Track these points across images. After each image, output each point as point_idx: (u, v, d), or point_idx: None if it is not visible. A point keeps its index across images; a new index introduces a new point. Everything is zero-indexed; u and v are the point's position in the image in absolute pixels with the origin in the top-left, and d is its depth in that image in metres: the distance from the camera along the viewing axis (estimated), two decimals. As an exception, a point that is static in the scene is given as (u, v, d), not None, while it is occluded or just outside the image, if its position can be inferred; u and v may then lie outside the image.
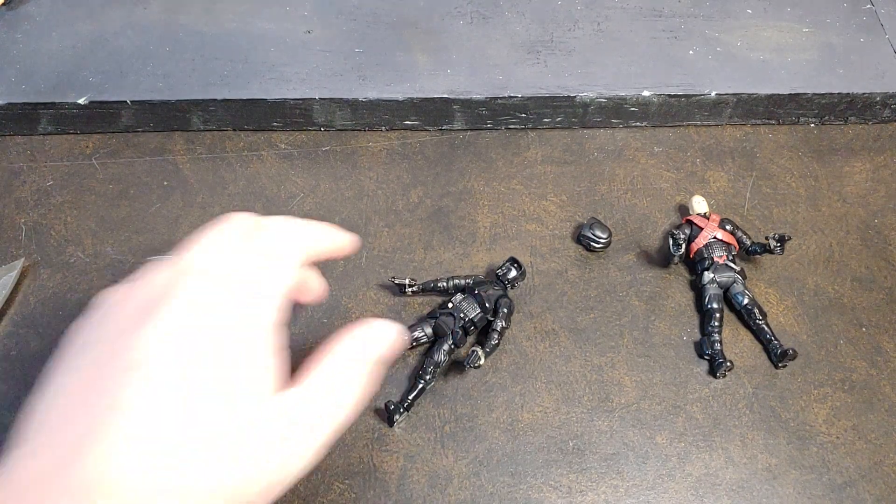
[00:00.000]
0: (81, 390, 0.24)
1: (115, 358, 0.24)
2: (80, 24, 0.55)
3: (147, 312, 0.25)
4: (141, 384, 0.23)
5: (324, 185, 0.49)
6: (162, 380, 0.23)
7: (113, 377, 0.23)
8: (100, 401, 0.23)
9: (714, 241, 0.44)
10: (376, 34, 0.54)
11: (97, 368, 0.24)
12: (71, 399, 0.24)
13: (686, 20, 0.55)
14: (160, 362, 0.23)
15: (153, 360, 0.23)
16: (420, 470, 0.38)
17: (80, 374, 0.25)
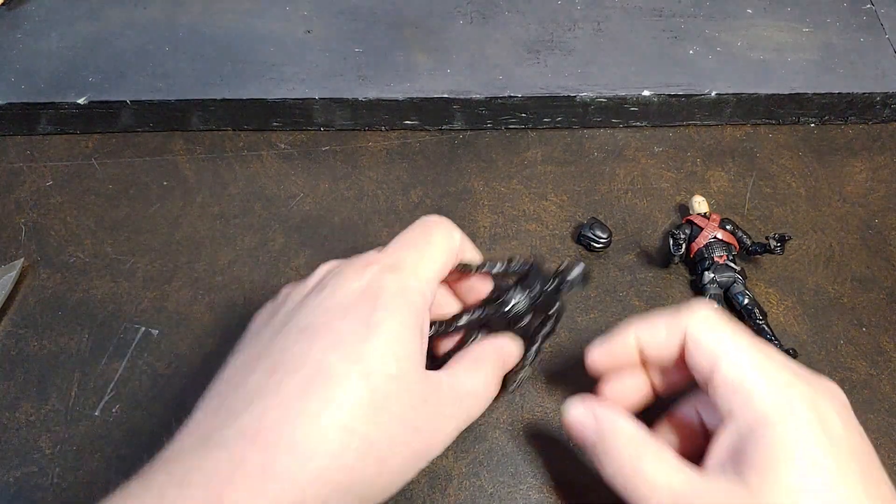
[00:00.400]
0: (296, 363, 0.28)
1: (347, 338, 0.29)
2: (79, 24, 0.54)
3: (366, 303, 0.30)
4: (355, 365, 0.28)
5: (324, 185, 0.49)
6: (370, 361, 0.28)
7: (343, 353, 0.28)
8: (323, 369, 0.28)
9: (714, 241, 0.44)
10: (376, 34, 0.54)
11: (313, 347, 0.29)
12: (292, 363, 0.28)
13: (686, 20, 0.55)
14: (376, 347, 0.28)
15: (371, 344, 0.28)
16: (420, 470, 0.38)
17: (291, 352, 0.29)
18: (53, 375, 0.41)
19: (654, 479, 0.28)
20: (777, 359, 0.30)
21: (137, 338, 0.42)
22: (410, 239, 0.33)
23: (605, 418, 0.31)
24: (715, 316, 0.31)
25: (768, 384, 0.28)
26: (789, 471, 0.26)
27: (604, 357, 0.34)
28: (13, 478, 0.37)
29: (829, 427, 0.28)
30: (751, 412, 0.28)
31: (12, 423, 0.39)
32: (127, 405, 0.40)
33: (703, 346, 0.30)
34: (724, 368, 0.29)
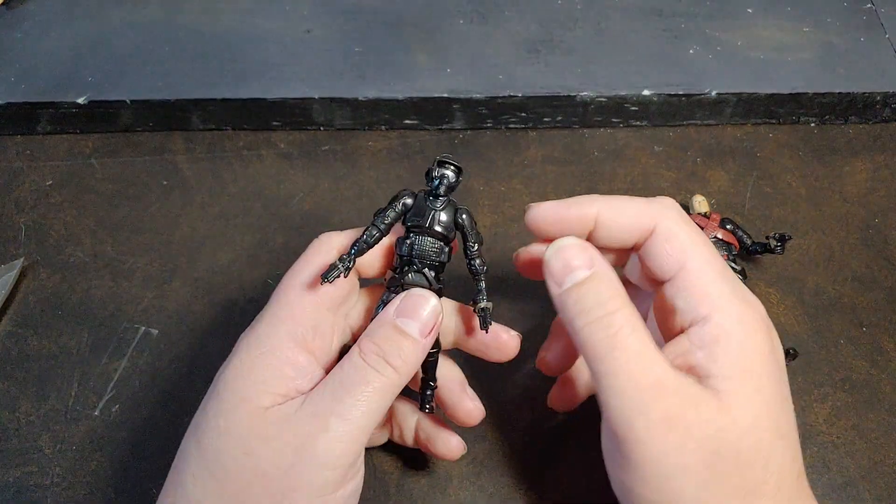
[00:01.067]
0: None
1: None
2: (79, 23, 0.54)
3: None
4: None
5: (323, 184, 0.49)
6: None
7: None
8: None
9: (715, 240, 0.43)
10: (376, 34, 0.54)
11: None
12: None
13: (686, 20, 0.55)
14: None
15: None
16: (420, 470, 0.38)
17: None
18: (53, 375, 0.41)
19: (633, 368, 0.27)
20: (730, 272, 0.30)
21: (137, 338, 0.42)
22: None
23: (602, 264, 0.29)
24: (686, 215, 0.31)
25: (732, 297, 0.28)
26: (751, 390, 0.27)
27: (552, 218, 0.31)
28: (13, 478, 0.37)
29: (777, 354, 0.29)
30: (719, 320, 0.28)
31: (12, 423, 0.39)
32: (127, 405, 0.40)
33: (675, 242, 0.29)
34: (695, 269, 0.29)
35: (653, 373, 0.27)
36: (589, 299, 0.28)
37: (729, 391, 0.27)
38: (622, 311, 0.28)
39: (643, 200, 0.31)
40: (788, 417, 0.29)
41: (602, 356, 0.27)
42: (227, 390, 0.28)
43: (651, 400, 0.26)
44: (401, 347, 0.29)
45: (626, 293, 0.29)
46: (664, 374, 0.27)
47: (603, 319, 0.28)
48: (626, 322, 0.27)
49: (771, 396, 0.28)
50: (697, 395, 0.27)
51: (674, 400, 0.27)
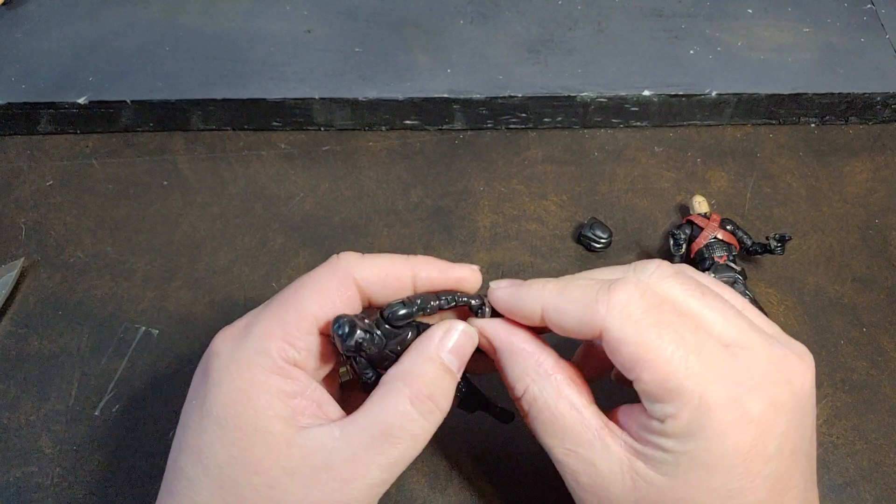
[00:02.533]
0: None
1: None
2: (80, 23, 0.54)
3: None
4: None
5: (324, 184, 0.49)
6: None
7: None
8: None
9: (715, 241, 0.44)
10: (376, 34, 0.54)
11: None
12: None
13: (686, 20, 0.55)
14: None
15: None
16: (420, 470, 0.38)
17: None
18: (53, 375, 0.41)
19: (559, 426, 0.28)
20: (717, 360, 0.26)
21: (137, 338, 0.42)
22: (275, 296, 0.30)
23: (504, 345, 0.29)
24: (640, 304, 0.26)
25: (702, 397, 0.25)
26: (683, 493, 0.26)
27: (503, 307, 0.30)
28: (13, 478, 0.37)
29: (755, 457, 0.25)
30: (680, 426, 0.25)
31: (12, 423, 0.39)
32: (127, 405, 0.40)
33: (624, 349, 0.26)
34: (650, 377, 0.26)
35: (561, 448, 0.28)
36: (507, 380, 0.29)
37: (652, 483, 0.26)
38: (526, 395, 0.29)
39: (591, 297, 0.27)
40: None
41: (532, 431, 0.29)
42: (234, 415, 0.26)
43: (570, 475, 0.28)
44: (447, 386, 0.27)
45: (540, 364, 0.28)
46: (583, 449, 0.28)
47: (517, 403, 0.29)
48: (532, 405, 0.29)
49: (726, 492, 0.25)
50: (609, 476, 0.27)
51: (588, 474, 0.28)
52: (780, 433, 0.26)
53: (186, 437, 0.27)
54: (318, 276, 0.28)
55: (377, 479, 0.26)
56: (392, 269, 0.29)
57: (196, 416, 0.27)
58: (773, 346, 0.27)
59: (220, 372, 0.27)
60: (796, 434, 0.26)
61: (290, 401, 0.26)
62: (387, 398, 0.27)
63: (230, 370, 0.27)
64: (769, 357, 0.26)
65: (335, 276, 0.28)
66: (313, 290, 0.28)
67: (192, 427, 0.27)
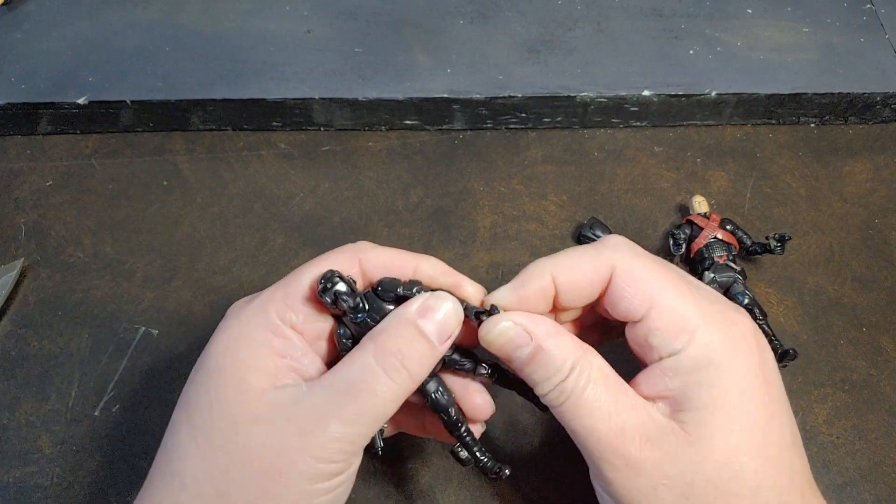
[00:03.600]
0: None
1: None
2: (79, 23, 0.55)
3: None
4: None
5: (324, 184, 0.49)
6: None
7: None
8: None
9: (714, 241, 0.44)
10: (376, 34, 0.54)
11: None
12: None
13: (686, 20, 0.55)
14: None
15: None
16: (420, 470, 0.38)
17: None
18: (53, 375, 0.41)
19: (604, 401, 0.27)
20: (710, 295, 0.29)
21: (137, 338, 0.42)
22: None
23: (542, 334, 0.28)
24: (639, 249, 0.29)
25: (706, 324, 0.27)
26: (726, 419, 0.27)
27: (514, 303, 0.30)
28: (13, 478, 0.37)
29: (767, 371, 0.28)
30: (692, 352, 0.27)
31: (12, 423, 0.39)
32: (127, 405, 0.40)
33: (638, 281, 0.28)
34: (663, 305, 0.28)
35: (613, 422, 0.27)
36: (538, 373, 0.28)
37: (700, 422, 0.27)
38: (571, 375, 0.28)
39: (592, 250, 0.29)
40: (781, 438, 0.28)
41: (567, 420, 0.28)
42: (218, 366, 0.28)
43: (614, 449, 0.27)
44: (418, 350, 0.28)
45: (578, 344, 0.29)
46: (626, 419, 0.27)
47: (555, 390, 0.28)
48: (577, 384, 0.28)
49: (755, 422, 0.27)
50: (663, 433, 0.27)
51: (635, 444, 0.27)
52: (766, 345, 0.29)
53: (183, 390, 0.29)
54: (329, 255, 0.30)
55: (337, 432, 0.26)
56: (399, 259, 0.30)
57: (193, 371, 0.29)
58: (718, 294, 0.31)
59: (221, 329, 0.29)
60: (773, 361, 0.29)
61: (276, 358, 0.28)
62: (354, 355, 0.28)
63: (228, 325, 0.29)
64: (724, 299, 0.30)
65: (343, 255, 0.30)
66: (321, 265, 0.29)
67: (188, 381, 0.29)
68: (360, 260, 0.30)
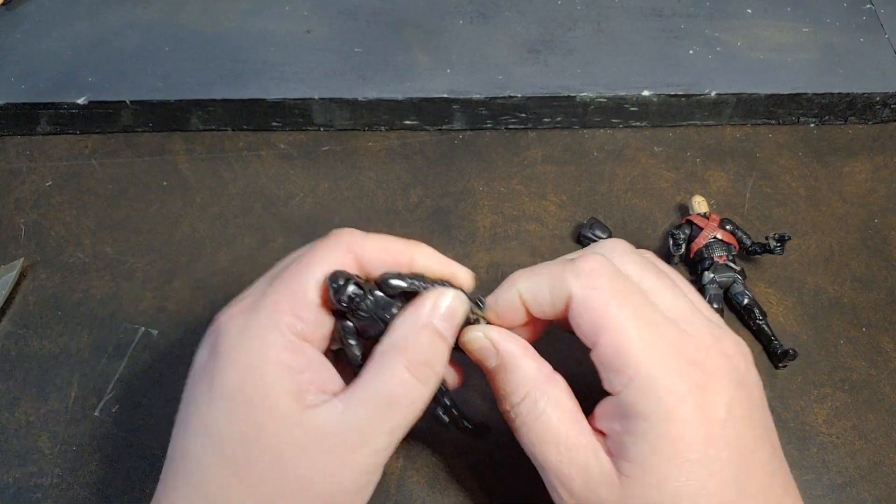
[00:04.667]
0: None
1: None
2: (79, 24, 0.54)
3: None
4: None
5: (323, 185, 0.49)
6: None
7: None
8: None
9: (714, 241, 0.44)
10: (376, 34, 0.54)
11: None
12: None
13: (686, 20, 0.55)
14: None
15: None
16: (420, 470, 0.38)
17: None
18: (53, 375, 0.41)
19: (554, 434, 0.28)
20: (667, 333, 0.27)
21: (137, 338, 0.42)
22: (277, 271, 0.30)
23: (506, 353, 0.29)
24: (603, 273, 0.28)
25: (652, 368, 0.26)
26: (658, 484, 0.26)
27: (490, 314, 0.31)
28: (13, 478, 0.37)
29: (711, 419, 0.26)
30: (631, 400, 0.27)
31: (12, 423, 0.39)
32: (127, 405, 0.40)
33: (587, 313, 0.28)
34: (607, 341, 0.27)
35: (561, 456, 0.28)
36: (500, 388, 0.30)
37: (633, 476, 0.26)
38: (526, 401, 0.29)
39: (558, 269, 0.29)
40: (735, 474, 0.26)
41: (521, 442, 0.30)
42: (243, 394, 0.26)
43: (560, 481, 0.28)
44: (441, 352, 0.28)
45: (541, 371, 0.29)
46: (574, 456, 0.28)
47: (511, 411, 0.30)
48: (531, 410, 0.29)
49: (687, 482, 0.26)
50: (603, 478, 0.27)
51: (577, 483, 0.28)
52: (727, 399, 0.27)
53: (194, 417, 0.27)
54: (321, 250, 0.29)
55: (382, 445, 0.27)
56: (393, 249, 0.30)
57: (205, 396, 0.27)
58: (711, 326, 0.29)
59: (231, 349, 0.27)
60: (745, 402, 0.28)
61: (298, 376, 0.27)
62: (384, 369, 0.27)
63: (241, 347, 0.27)
64: (709, 333, 0.28)
65: (338, 249, 0.29)
66: (318, 264, 0.28)
67: (200, 406, 0.27)
68: (356, 252, 0.29)
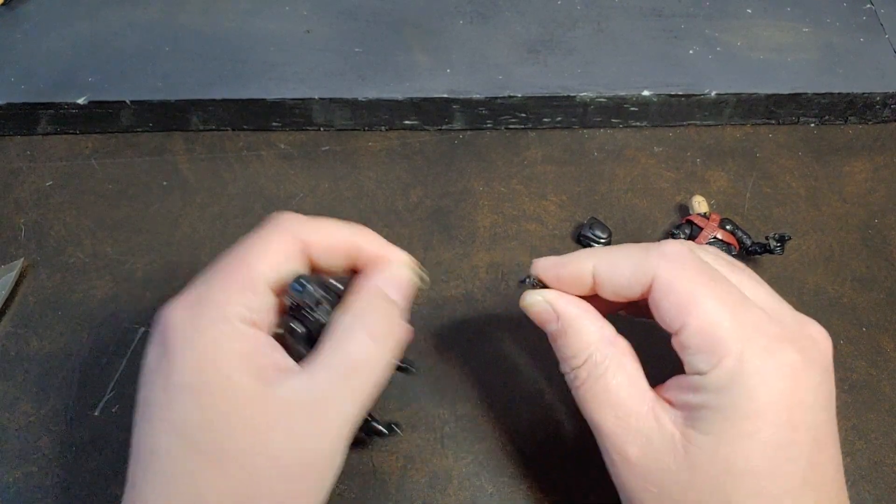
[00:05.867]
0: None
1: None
2: (79, 24, 0.54)
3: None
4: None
5: (323, 185, 0.49)
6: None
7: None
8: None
9: (714, 241, 0.44)
10: (376, 34, 0.54)
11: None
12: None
13: (686, 20, 0.55)
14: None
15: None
16: (420, 470, 0.38)
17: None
18: (53, 375, 0.41)
19: (614, 397, 0.28)
20: (755, 315, 0.27)
21: (137, 338, 0.42)
22: (220, 263, 0.30)
23: (566, 315, 0.30)
24: (689, 257, 0.28)
25: (742, 348, 0.26)
26: (739, 449, 0.26)
27: (552, 276, 0.31)
28: (13, 478, 0.37)
29: (797, 414, 0.26)
30: (717, 380, 0.26)
31: (12, 423, 0.39)
32: (127, 405, 0.40)
33: (675, 294, 0.28)
34: (696, 323, 0.27)
35: (619, 420, 0.28)
36: (561, 351, 0.30)
37: (703, 448, 0.26)
38: (587, 363, 0.29)
39: (641, 251, 0.29)
40: (807, 463, 0.26)
41: (580, 405, 0.29)
42: (202, 382, 0.26)
43: (614, 446, 0.28)
44: (397, 318, 0.29)
45: (603, 334, 0.29)
46: (633, 422, 0.28)
47: (571, 373, 0.30)
48: (591, 373, 0.29)
49: (758, 465, 0.26)
50: (665, 446, 0.27)
51: (634, 448, 0.28)
52: (814, 385, 0.27)
53: (156, 415, 0.27)
54: (265, 238, 0.29)
55: (350, 412, 0.27)
56: (336, 236, 0.30)
57: (164, 393, 0.27)
58: (794, 313, 0.29)
59: (183, 345, 0.27)
60: (827, 390, 0.28)
61: (254, 360, 0.27)
62: (345, 340, 0.28)
63: (193, 341, 0.27)
64: (795, 319, 0.29)
65: (282, 236, 0.29)
66: (262, 251, 0.29)
67: (161, 403, 0.27)
68: (302, 238, 0.30)
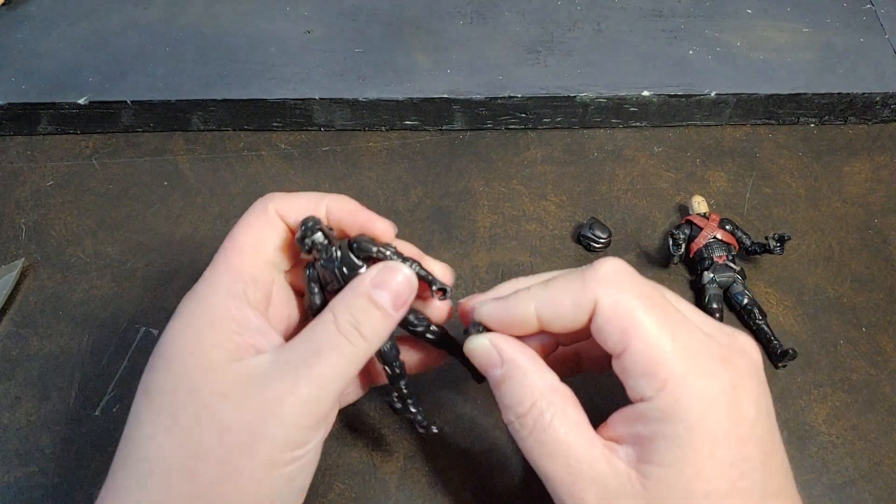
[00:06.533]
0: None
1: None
2: (80, 24, 0.55)
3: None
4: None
5: (324, 185, 0.49)
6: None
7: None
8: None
9: (714, 241, 0.44)
10: (376, 34, 0.54)
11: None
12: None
13: (686, 20, 0.55)
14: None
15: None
16: (420, 470, 0.38)
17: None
18: (53, 375, 0.41)
19: (563, 445, 0.28)
20: (693, 335, 0.27)
21: (137, 338, 0.42)
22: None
23: (511, 361, 0.29)
24: (627, 278, 0.28)
25: (685, 370, 0.26)
26: (689, 489, 0.26)
27: (496, 320, 0.30)
28: (13, 478, 0.37)
29: (743, 418, 0.27)
30: (664, 405, 0.26)
31: (12, 423, 0.39)
32: (127, 405, 0.39)
33: (617, 318, 0.27)
34: (639, 346, 0.27)
35: (571, 469, 0.27)
36: (503, 399, 0.29)
37: (661, 481, 0.26)
38: (532, 412, 0.28)
39: (578, 281, 0.28)
40: (761, 475, 0.27)
41: (528, 456, 0.29)
42: (177, 350, 0.28)
43: (570, 496, 0.28)
44: (373, 319, 0.29)
45: (547, 381, 0.29)
46: (585, 468, 0.27)
47: (516, 422, 0.29)
48: (537, 422, 0.28)
49: (736, 469, 0.26)
50: (622, 487, 0.27)
51: (590, 496, 0.27)
52: (754, 398, 0.27)
53: (142, 379, 0.29)
54: (250, 219, 0.32)
55: (308, 395, 0.27)
56: (309, 204, 0.33)
57: (150, 360, 0.29)
58: (721, 326, 0.30)
59: (173, 320, 0.29)
60: (765, 399, 0.28)
61: (235, 336, 0.28)
62: (315, 325, 0.29)
63: (181, 316, 0.29)
64: (725, 333, 0.29)
65: (265, 214, 0.32)
66: (248, 232, 0.31)
67: (146, 370, 0.29)
68: (281, 213, 0.32)
